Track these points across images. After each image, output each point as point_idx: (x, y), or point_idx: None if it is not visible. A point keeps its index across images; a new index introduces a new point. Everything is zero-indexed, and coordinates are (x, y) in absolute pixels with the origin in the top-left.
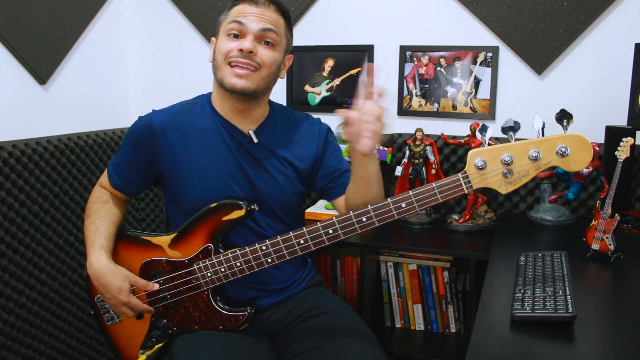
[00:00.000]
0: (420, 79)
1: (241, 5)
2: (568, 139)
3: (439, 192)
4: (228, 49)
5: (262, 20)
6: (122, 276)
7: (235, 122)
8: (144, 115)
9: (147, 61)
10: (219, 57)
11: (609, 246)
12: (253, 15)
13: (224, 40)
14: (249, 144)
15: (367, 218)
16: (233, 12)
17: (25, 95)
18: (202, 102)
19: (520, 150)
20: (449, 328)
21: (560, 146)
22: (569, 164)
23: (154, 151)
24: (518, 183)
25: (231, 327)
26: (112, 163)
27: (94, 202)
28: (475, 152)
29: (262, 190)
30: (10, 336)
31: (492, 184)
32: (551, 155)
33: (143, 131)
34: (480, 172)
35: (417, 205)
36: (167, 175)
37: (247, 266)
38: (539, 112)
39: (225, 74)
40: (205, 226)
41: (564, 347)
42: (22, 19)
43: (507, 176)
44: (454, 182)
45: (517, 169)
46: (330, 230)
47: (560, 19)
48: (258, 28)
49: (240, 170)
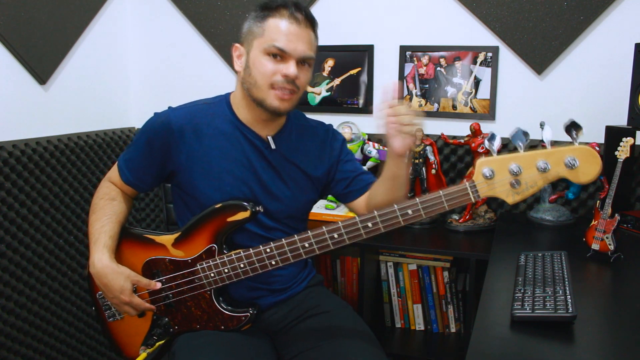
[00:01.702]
0: (420, 79)
1: (279, 20)
2: (577, 151)
3: (446, 200)
4: (271, 72)
5: (304, 43)
6: (124, 276)
7: (255, 128)
8: (160, 113)
9: (147, 61)
10: (261, 79)
11: (609, 246)
12: (294, 39)
13: (263, 61)
14: (267, 150)
15: (373, 224)
16: (271, 29)
17: (25, 95)
18: (221, 104)
19: (529, 161)
20: (449, 328)
21: (569, 158)
22: (577, 176)
23: (169, 149)
24: (525, 193)
25: (233, 328)
26: (123, 158)
27: (101, 198)
28: (483, 161)
29: (274, 195)
30: (10, 336)
31: (499, 193)
32: (560, 166)
33: (160, 129)
34: (488, 181)
35: (423, 213)
36: (181, 175)
37: (251, 268)
38: (538, 112)
39: (268, 96)
40: (209, 226)
41: (564, 347)
42: (22, 19)
43: (514, 186)
44: (462, 191)
45: (525, 180)
46: (335, 234)
47: (560, 19)
48: (300, 56)
49: (254, 175)
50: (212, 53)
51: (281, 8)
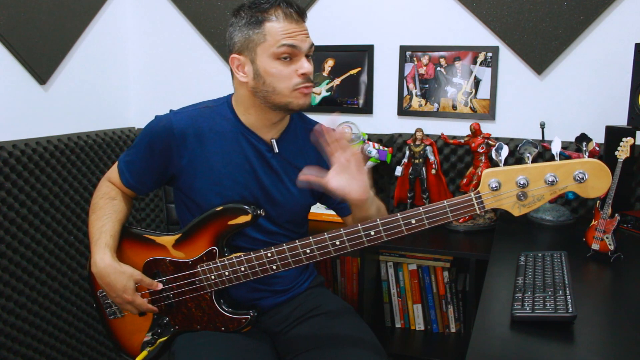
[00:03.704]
0: (420, 79)
1: (277, 21)
2: (587, 164)
3: (451, 211)
4: (289, 76)
5: (306, 36)
6: (127, 275)
7: (259, 131)
8: (162, 116)
9: (147, 61)
10: (281, 85)
11: (609, 246)
12: (298, 34)
13: (277, 66)
14: (269, 153)
15: (375, 232)
16: (273, 31)
17: (25, 95)
18: (222, 107)
19: (537, 174)
20: (449, 328)
21: (578, 172)
22: (586, 190)
23: (171, 153)
24: (532, 206)
25: (233, 330)
26: (124, 160)
27: (101, 198)
28: (489, 172)
29: (275, 200)
30: (10, 336)
31: (505, 205)
32: (568, 180)
33: (161, 132)
34: (494, 193)
35: (427, 223)
36: (182, 179)
37: (252, 272)
38: (538, 112)
39: (294, 98)
40: (210, 229)
41: (564, 347)
42: (22, 19)
43: (521, 199)
44: (467, 202)
45: (532, 192)
46: (337, 241)
47: (560, 19)
48: (307, 48)
49: (255, 179)
50: (212, 53)
51: (273, 8)
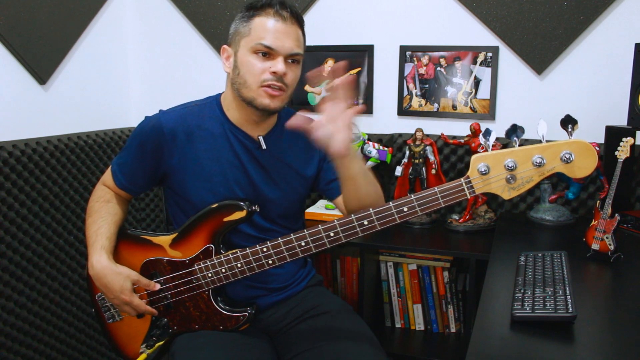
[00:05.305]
0: (420, 79)
1: (265, 19)
2: (572, 145)
3: (442, 197)
4: (260, 71)
5: (291, 40)
6: (124, 276)
7: (246, 129)
8: (152, 116)
9: (147, 61)
10: (250, 78)
11: (609, 246)
12: (281, 36)
13: (251, 60)
14: (257, 150)
15: (368, 221)
16: (258, 27)
17: (25, 95)
18: (211, 105)
19: (524, 156)
20: (449, 328)
21: (564, 152)
22: (573, 170)
23: (161, 152)
24: (521, 189)
25: (231, 328)
26: (116, 162)
27: (96, 201)
28: (478, 157)
29: (266, 196)
30: (10, 336)
31: (495, 189)
32: (555, 161)
33: (151, 132)
34: (483, 177)
35: (419, 210)
36: (173, 177)
37: (248, 267)
38: (538, 112)
39: (258, 95)
40: (206, 227)
41: (564, 347)
42: (22, 19)
43: (510, 182)
44: (457, 187)
45: (521, 175)
46: (331, 233)
47: (560, 19)
48: (288, 53)
49: (245, 176)
50: (212, 53)
51: (267, 7)
